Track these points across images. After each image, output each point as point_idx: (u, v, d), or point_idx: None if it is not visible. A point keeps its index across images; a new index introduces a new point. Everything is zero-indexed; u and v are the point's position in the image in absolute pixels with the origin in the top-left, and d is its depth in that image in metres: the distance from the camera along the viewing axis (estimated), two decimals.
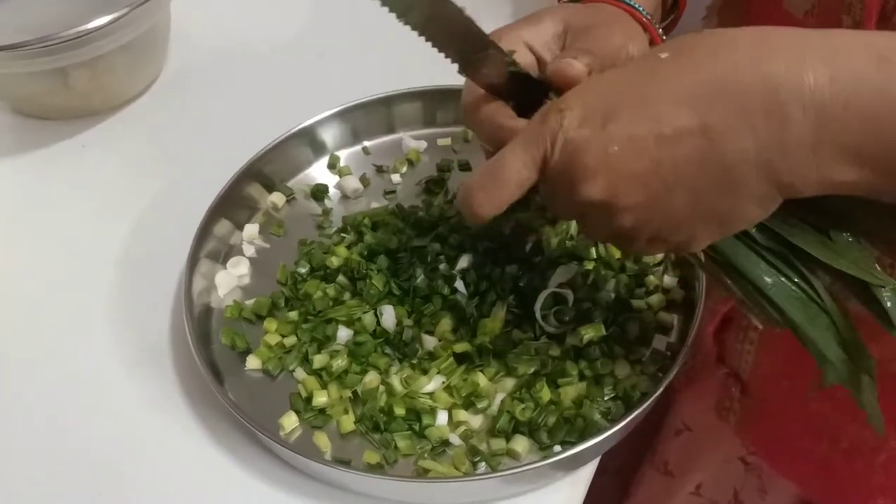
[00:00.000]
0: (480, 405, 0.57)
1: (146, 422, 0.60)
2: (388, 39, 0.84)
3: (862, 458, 0.61)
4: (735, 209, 0.42)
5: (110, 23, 0.70)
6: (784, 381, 0.65)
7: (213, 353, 0.61)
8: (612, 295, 0.62)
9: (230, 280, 0.66)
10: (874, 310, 0.46)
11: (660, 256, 0.65)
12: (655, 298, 0.62)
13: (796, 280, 0.47)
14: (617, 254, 0.64)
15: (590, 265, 0.63)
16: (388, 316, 0.61)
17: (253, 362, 0.61)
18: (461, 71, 0.49)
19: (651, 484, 0.82)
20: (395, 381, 0.58)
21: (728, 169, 0.40)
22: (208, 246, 0.66)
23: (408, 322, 0.61)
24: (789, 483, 0.67)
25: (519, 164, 0.44)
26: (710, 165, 0.40)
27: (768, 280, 0.47)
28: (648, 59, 0.42)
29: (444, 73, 0.76)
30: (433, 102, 0.75)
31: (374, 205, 0.70)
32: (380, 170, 0.73)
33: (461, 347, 0.59)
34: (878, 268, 0.46)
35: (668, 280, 0.63)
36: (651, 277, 0.63)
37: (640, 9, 0.55)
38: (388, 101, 0.74)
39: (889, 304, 0.46)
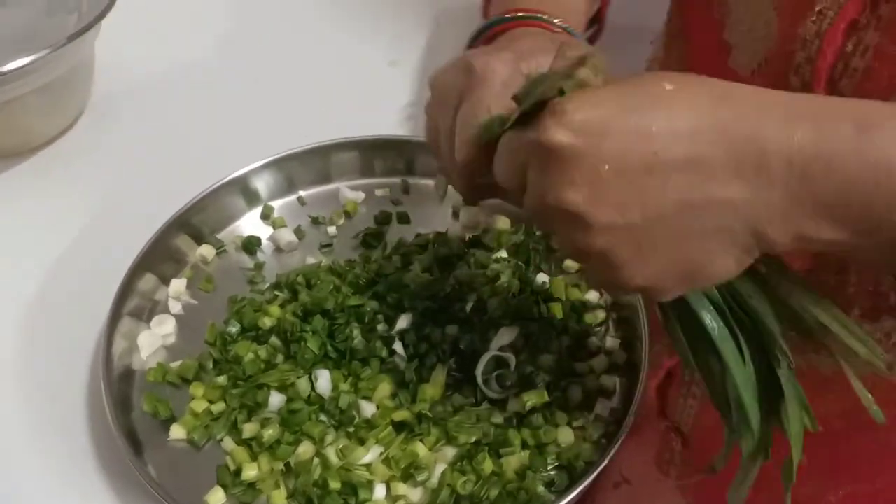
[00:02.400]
0: (420, 477, 0.55)
1: (53, 497, 0.56)
2: (326, 87, 0.84)
3: None
4: (711, 260, 0.42)
5: (27, 65, 0.66)
6: (724, 433, 0.65)
7: (132, 422, 0.58)
8: (555, 358, 0.61)
9: (154, 340, 0.63)
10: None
11: (601, 317, 0.64)
12: (598, 361, 0.61)
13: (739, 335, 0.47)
14: (559, 314, 0.63)
15: (532, 327, 0.62)
16: (324, 381, 0.58)
17: (177, 431, 0.57)
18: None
19: None
20: (331, 453, 0.55)
21: (711, 209, 0.40)
22: (131, 303, 0.63)
23: (344, 387, 0.58)
24: None
25: (506, 163, 0.44)
26: (694, 205, 0.40)
27: (714, 326, 0.46)
28: (652, 85, 0.41)
29: (382, 122, 0.76)
30: (371, 152, 0.73)
31: (310, 258, 0.68)
32: (315, 221, 0.71)
33: (400, 416, 0.57)
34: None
35: (611, 342, 0.63)
36: (593, 339, 0.63)
37: (578, 36, 0.56)
38: (325, 151, 0.72)
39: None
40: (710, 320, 0.46)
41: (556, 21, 0.59)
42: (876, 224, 0.40)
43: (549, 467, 0.56)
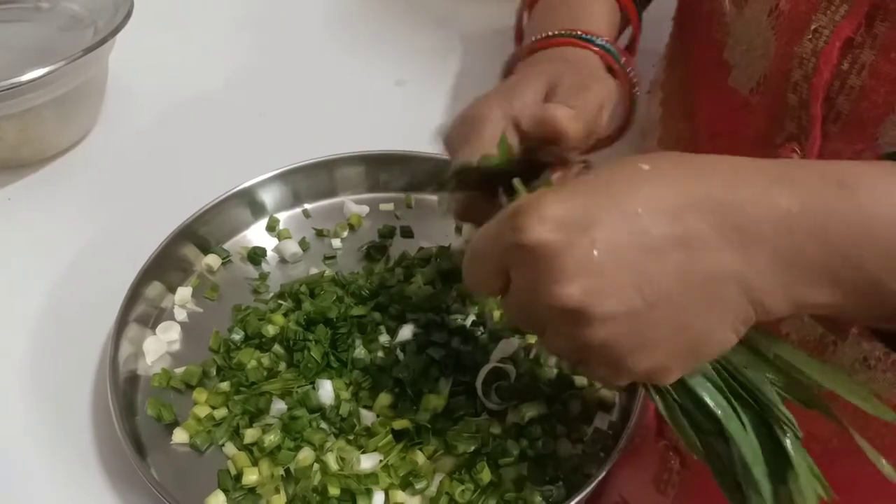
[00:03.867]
0: (419, 486, 0.55)
1: (59, 498, 0.56)
2: (332, 102, 0.85)
3: None
4: (712, 332, 0.40)
5: (44, 76, 0.67)
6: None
7: (137, 426, 0.58)
8: (555, 371, 0.61)
9: (159, 346, 0.63)
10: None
11: None
12: None
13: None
14: None
15: (531, 339, 0.63)
16: (326, 390, 0.59)
17: (180, 436, 0.58)
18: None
19: None
20: (331, 459, 0.56)
21: (710, 282, 0.39)
22: (138, 309, 0.63)
23: (345, 395, 0.59)
24: None
25: (481, 271, 0.42)
26: (692, 279, 0.39)
27: (718, 405, 0.44)
28: (627, 169, 0.40)
29: (388, 138, 0.77)
30: (376, 166, 0.74)
31: (313, 270, 0.69)
32: (320, 234, 0.72)
33: (400, 424, 0.57)
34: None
35: None
36: None
37: (618, 57, 0.55)
38: (330, 165, 0.73)
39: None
40: (713, 399, 0.44)
41: (597, 41, 0.58)
42: (870, 284, 0.39)
43: (547, 479, 0.56)
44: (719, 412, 0.43)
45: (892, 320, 0.43)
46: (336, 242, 0.71)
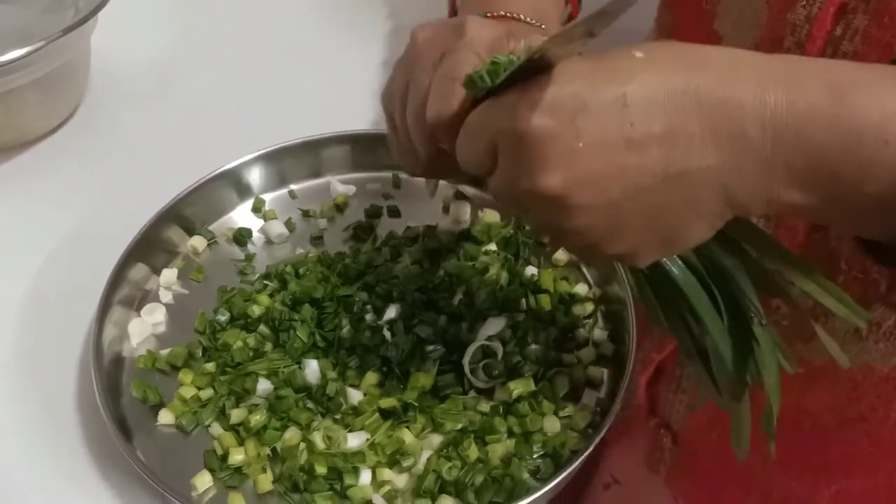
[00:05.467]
0: (406, 463, 0.55)
1: (46, 484, 0.56)
2: (317, 81, 0.85)
3: None
4: (687, 226, 0.42)
5: (24, 56, 0.67)
6: (715, 431, 0.65)
7: (122, 408, 0.58)
8: (542, 348, 0.61)
9: (144, 328, 0.63)
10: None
11: (590, 309, 0.65)
12: (585, 352, 0.62)
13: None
14: (547, 306, 0.63)
15: (520, 317, 0.62)
16: (312, 370, 0.58)
17: (165, 417, 0.58)
18: None
19: None
20: (317, 438, 0.56)
21: (688, 178, 0.40)
22: (122, 291, 0.63)
23: (332, 375, 0.59)
24: None
25: (473, 147, 0.42)
26: (672, 176, 0.40)
27: (687, 282, 0.47)
28: (623, 57, 0.40)
29: (374, 118, 0.76)
30: (362, 146, 0.74)
31: (300, 251, 0.68)
32: (306, 214, 0.71)
33: (387, 403, 0.57)
34: None
35: (599, 333, 0.63)
36: (581, 331, 0.63)
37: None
38: (316, 145, 0.73)
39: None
40: (683, 276, 0.46)
41: (543, 27, 0.58)
42: (844, 191, 0.40)
43: (535, 455, 0.56)
44: (688, 288, 0.46)
45: (873, 229, 0.44)
46: (322, 223, 0.71)
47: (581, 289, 0.65)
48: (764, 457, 0.61)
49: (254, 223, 0.71)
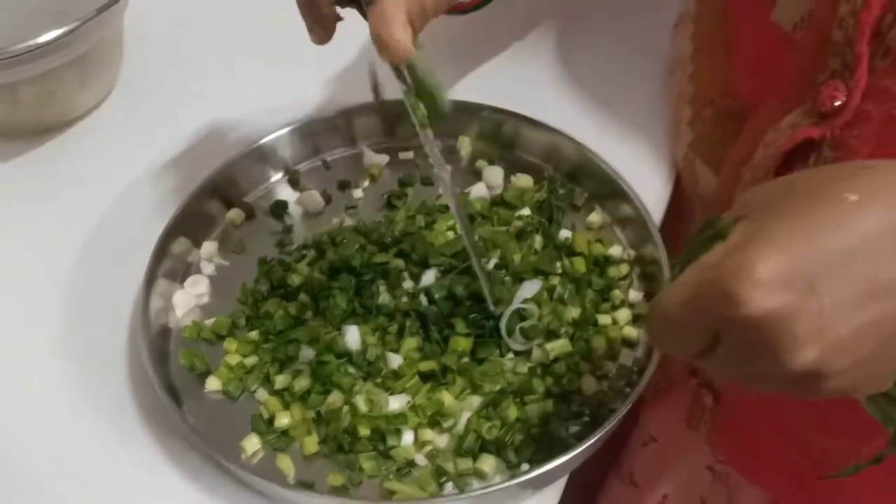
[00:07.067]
0: (446, 424, 0.56)
1: (102, 448, 0.58)
2: (349, 53, 0.85)
3: (831, 469, 0.62)
4: None
5: (60, 37, 0.68)
6: (757, 390, 0.65)
7: (171, 376, 0.60)
8: (578, 310, 0.61)
9: (188, 300, 0.65)
10: None
11: (625, 270, 0.65)
12: (622, 313, 0.62)
13: None
14: (582, 269, 0.64)
15: (555, 280, 0.63)
16: (352, 336, 0.60)
17: (213, 384, 0.59)
18: None
19: (616, 496, 0.82)
20: (360, 401, 0.57)
21: None
22: (165, 265, 0.64)
23: (372, 341, 0.60)
24: (758, 491, 0.68)
25: (681, 338, 0.39)
26: None
27: None
28: (835, 203, 0.37)
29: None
30: (395, 115, 0.74)
31: (335, 220, 0.69)
32: (341, 185, 0.72)
33: (426, 366, 0.58)
34: None
35: (634, 294, 0.63)
36: (616, 292, 0.63)
37: None
38: (348, 115, 0.73)
39: None
40: None
41: None
42: None
43: (573, 414, 0.57)
44: None
45: None
46: (357, 193, 0.72)
47: (615, 251, 0.66)
48: (805, 416, 0.62)
49: (290, 195, 0.72)
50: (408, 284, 0.63)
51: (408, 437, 0.56)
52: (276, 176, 0.73)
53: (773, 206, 0.38)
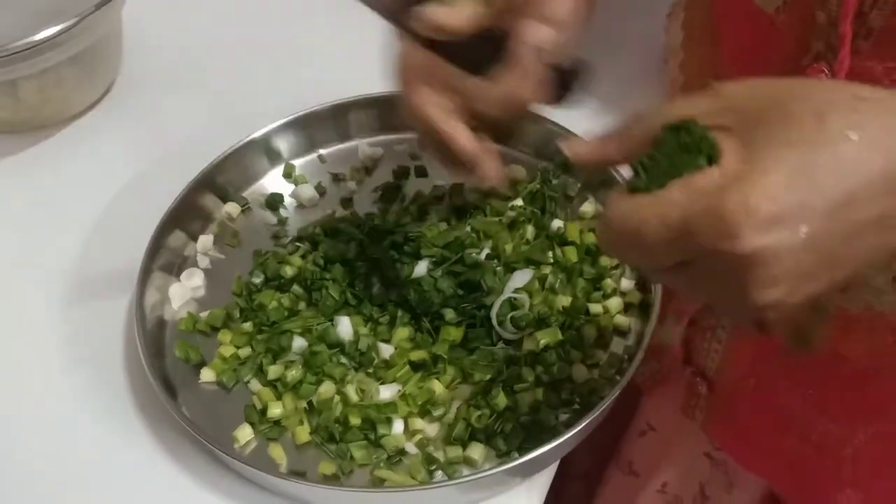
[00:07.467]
0: (436, 413, 0.57)
1: (97, 438, 0.59)
2: (344, 46, 0.85)
3: (830, 452, 0.62)
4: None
5: (59, 33, 0.69)
6: (752, 378, 0.65)
7: (166, 367, 0.61)
8: (569, 299, 0.62)
9: (184, 292, 0.65)
10: None
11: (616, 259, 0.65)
12: (613, 302, 0.62)
13: None
14: (573, 258, 0.64)
15: (546, 270, 0.63)
16: (344, 326, 0.60)
17: (207, 375, 0.60)
18: (392, 20, 0.45)
19: (616, 485, 0.82)
20: (351, 391, 0.58)
21: (886, 255, 0.38)
22: (161, 258, 0.65)
23: (364, 331, 0.60)
24: (756, 477, 0.68)
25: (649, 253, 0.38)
26: (876, 259, 0.38)
27: None
28: (837, 141, 0.36)
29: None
30: (389, 109, 0.74)
31: (329, 212, 0.70)
32: (336, 178, 0.73)
33: (417, 356, 0.58)
34: None
35: (626, 283, 0.63)
36: (608, 281, 0.63)
37: None
38: (343, 109, 0.74)
39: None
40: None
41: None
42: None
43: (563, 403, 0.57)
44: None
45: None
46: (352, 185, 0.72)
47: None
48: (802, 400, 0.62)
49: (285, 188, 0.72)
50: (400, 275, 0.63)
51: (398, 426, 0.56)
52: (272, 169, 0.73)
53: (765, 127, 0.37)
